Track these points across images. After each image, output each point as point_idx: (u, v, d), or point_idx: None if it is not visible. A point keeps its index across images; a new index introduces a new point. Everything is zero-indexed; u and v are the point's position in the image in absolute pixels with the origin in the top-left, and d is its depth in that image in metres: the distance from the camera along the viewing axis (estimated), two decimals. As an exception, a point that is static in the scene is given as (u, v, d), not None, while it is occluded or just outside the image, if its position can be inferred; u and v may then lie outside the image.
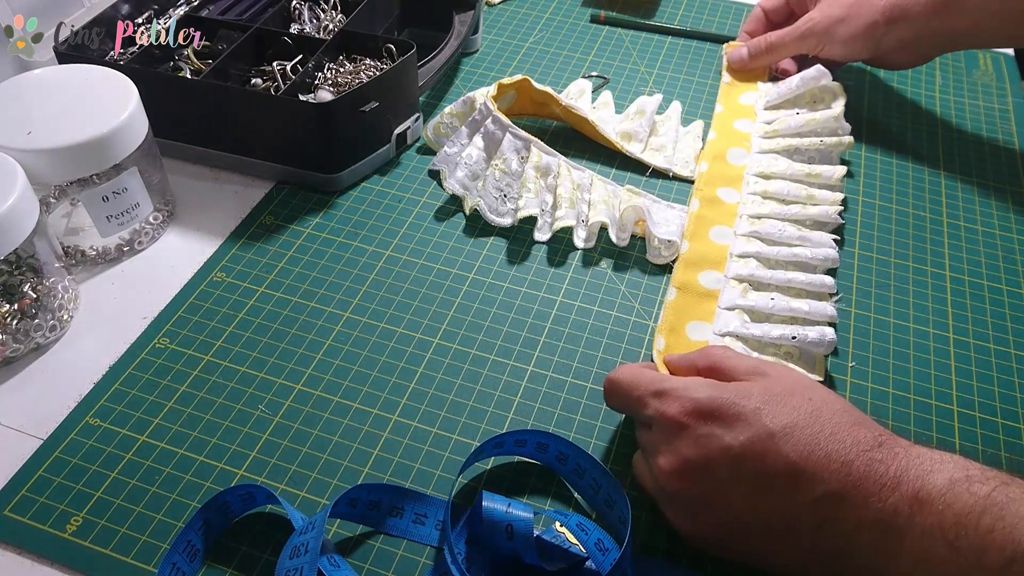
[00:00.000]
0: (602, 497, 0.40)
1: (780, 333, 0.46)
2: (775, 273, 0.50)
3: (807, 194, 0.55)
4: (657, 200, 0.57)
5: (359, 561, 0.38)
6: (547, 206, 0.55)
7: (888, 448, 0.34)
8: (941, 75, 0.72)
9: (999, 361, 0.49)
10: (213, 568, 0.38)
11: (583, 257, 0.54)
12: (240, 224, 0.55)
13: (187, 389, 0.45)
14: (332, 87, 0.59)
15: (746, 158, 0.59)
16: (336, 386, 0.46)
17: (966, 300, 0.52)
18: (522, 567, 0.37)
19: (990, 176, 0.62)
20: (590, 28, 0.75)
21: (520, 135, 0.56)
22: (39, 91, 0.50)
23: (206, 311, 0.49)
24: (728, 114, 0.63)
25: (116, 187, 0.49)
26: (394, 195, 0.58)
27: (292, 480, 0.41)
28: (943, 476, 0.32)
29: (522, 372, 0.47)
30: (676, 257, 0.53)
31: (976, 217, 0.58)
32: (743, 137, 0.61)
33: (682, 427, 0.36)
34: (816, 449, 0.34)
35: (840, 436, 0.34)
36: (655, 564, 0.39)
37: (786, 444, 0.34)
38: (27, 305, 0.46)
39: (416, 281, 0.52)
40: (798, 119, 0.60)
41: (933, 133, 0.65)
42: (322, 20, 0.66)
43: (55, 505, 0.40)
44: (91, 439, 0.43)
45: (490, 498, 0.37)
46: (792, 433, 0.34)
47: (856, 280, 0.53)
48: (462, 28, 0.68)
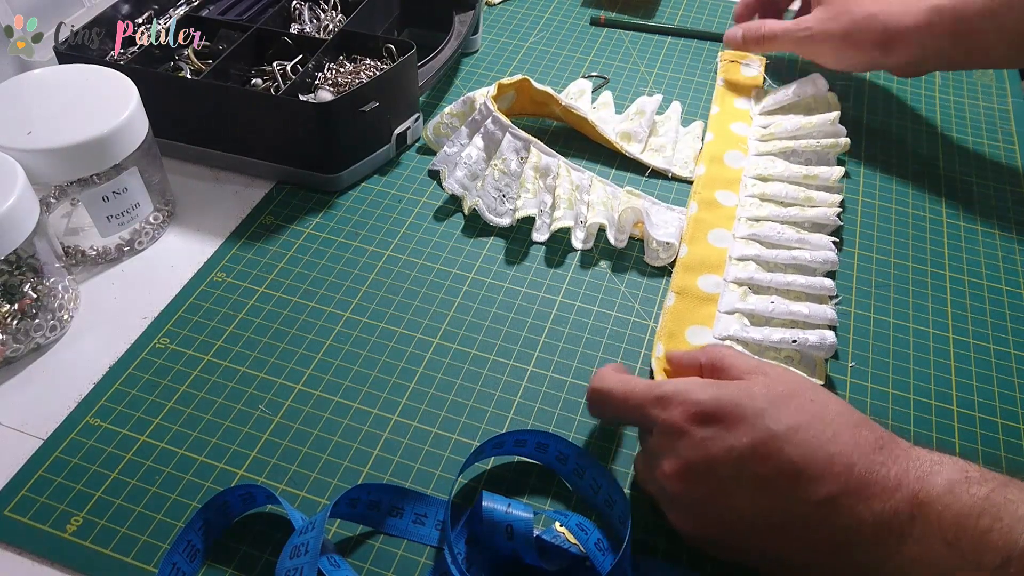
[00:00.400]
0: (602, 497, 0.40)
1: (780, 337, 0.46)
2: (774, 276, 0.50)
3: (805, 196, 0.55)
4: (656, 202, 0.57)
5: (359, 561, 0.38)
6: (546, 207, 0.55)
7: (889, 450, 0.34)
8: (941, 75, 0.72)
9: (999, 361, 0.49)
10: (213, 568, 0.38)
11: (583, 258, 0.54)
12: (240, 224, 0.55)
13: (187, 389, 0.45)
14: (332, 87, 0.59)
15: (743, 160, 0.59)
16: (336, 386, 0.46)
17: (966, 300, 0.52)
18: (522, 567, 0.37)
19: (990, 176, 0.62)
20: (590, 28, 0.75)
21: (520, 135, 0.56)
22: (39, 91, 0.50)
23: (206, 311, 0.50)
24: (724, 116, 0.63)
25: (116, 187, 0.49)
26: (394, 195, 0.58)
27: (292, 480, 0.41)
28: (942, 478, 0.33)
29: (522, 372, 0.47)
30: (674, 260, 0.53)
31: (976, 217, 0.58)
32: (740, 140, 0.61)
33: (684, 431, 0.36)
34: (819, 451, 0.34)
35: (842, 438, 0.34)
36: (655, 564, 0.39)
37: (789, 446, 0.34)
38: (27, 305, 0.46)
39: (416, 281, 0.52)
40: (794, 121, 0.60)
41: (933, 133, 0.65)
42: (322, 20, 0.66)
43: (55, 505, 0.40)
44: (91, 439, 0.43)
45: (490, 498, 0.37)
46: (795, 435, 0.34)
47: (856, 281, 0.53)
48: (462, 28, 0.68)
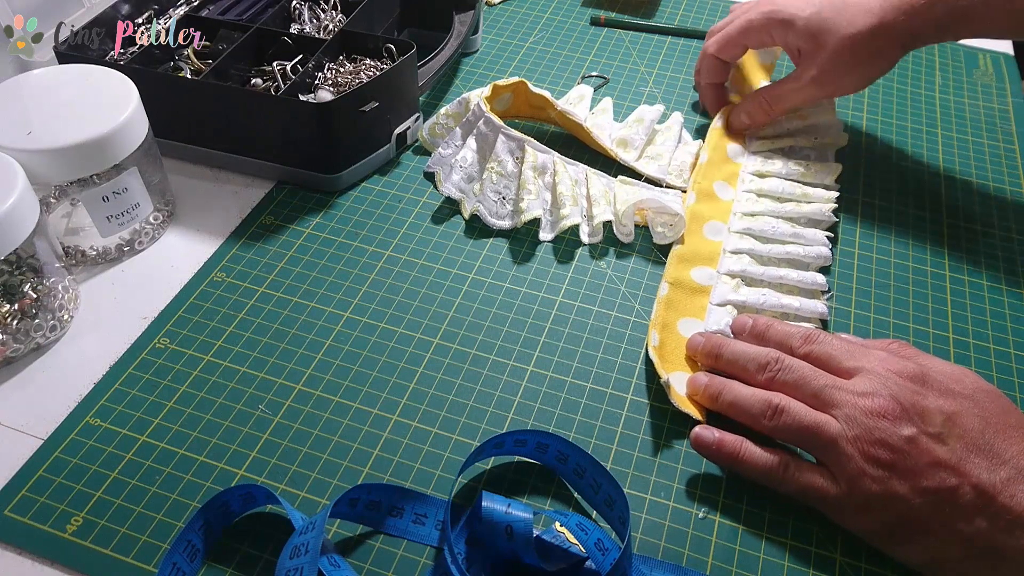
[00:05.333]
0: (602, 497, 0.40)
1: None
2: (767, 270, 0.50)
3: (802, 192, 0.55)
4: (651, 187, 0.56)
5: (359, 561, 0.38)
6: (548, 205, 0.55)
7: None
8: (941, 75, 0.72)
9: (999, 361, 0.49)
10: (213, 568, 0.38)
11: (583, 256, 0.54)
12: (240, 224, 0.55)
13: (187, 389, 0.45)
14: (332, 87, 0.59)
15: (742, 156, 0.59)
16: (336, 386, 0.46)
17: (966, 300, 0.52)
18: (522, 567, 0.37)
19: (990, 176, 0.62)
20: (590, 28, 0.75)
21: (513, 135, 0.56)
22: (39, 91, 0.50)
23: (206, 311, 0.50)
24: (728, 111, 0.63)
25: (116, 187, 0.49)
26: (394, 195, 0.58)
27: (292, 480, 0.41)
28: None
29: (522, 372, 0.47)
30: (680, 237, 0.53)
31: (976, 217, 0.58)
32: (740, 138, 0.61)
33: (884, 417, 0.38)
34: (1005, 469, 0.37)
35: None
36: (655, 564, 0.39)
37: (988, 473, 0.37)
38: (27, 305, 0.46)
39: (416, 281, 0.52)
40: (793, 120, 0.60)
41: (933, 133, 0.65)
42: (322, 20, 0.66)
43: (55, 505, 0.40)
44: (91, 439, 0.43)
45: (490, 498, 0.37)
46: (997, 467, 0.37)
47: (856, 280, 0.53)
48: (462, 28, 0.68)
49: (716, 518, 0.41)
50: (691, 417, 0.44)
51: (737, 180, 0.57)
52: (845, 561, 0.39)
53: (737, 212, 0.55)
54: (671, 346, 0.47)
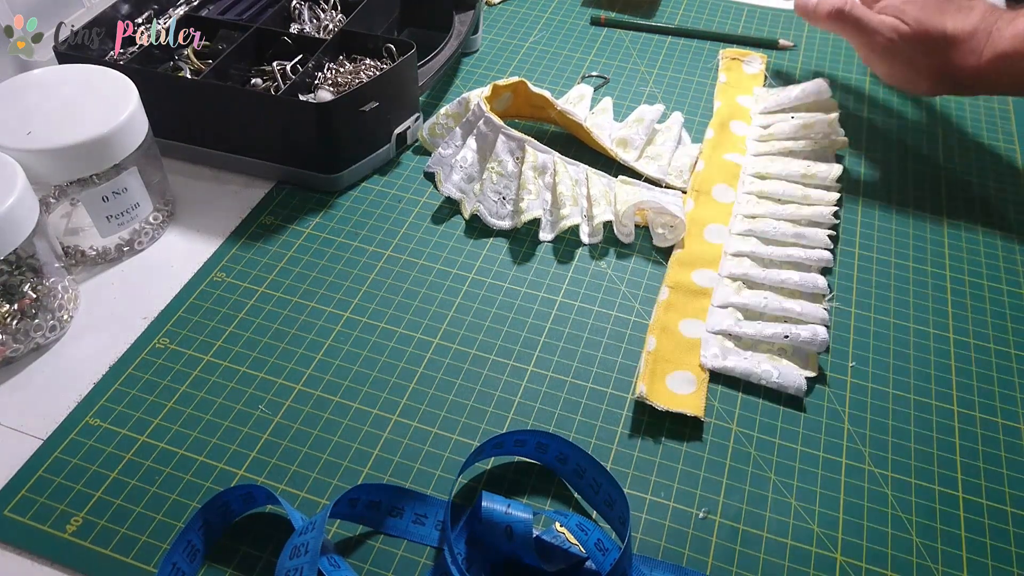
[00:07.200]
0: (602, 497, 0.40)
1: (773, 331, 0.47)
2: (769, 272, 0.50)
3: (803, 194, 0.55)
4: (651, 188, 0.56)
5: (359, 561, 0.38)
6: (548, 205, 0.55)
7: None
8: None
9: (999, 361, 0.49)
10: (213, 568, 0.38)
11: (583, 256, 0.54)
12: (240, 224, 0.55)
13: (187, 389, 0.45)
14: (332, 87, 0.59)
15: (742, 158, 0.59)
16: (336, 386, 0.46)
17: (966, 300, 0.52)
18: (522, 567, 0.37)
19: (990, 176, 0.62)
20: (590, 28, 0.75)
21: (513, 135, 0.56)
22: (39, 91, 0.50)
23: (206, 311, 0.50)
24: (726, 111, 0.63)
25: (116, 187, 0.49)
26: (394, 195, 0.58)
27: (292, 480, 0.41)
28: None
29: (522, 372, 0.47)
30: (679, 240, 0.53)
31: (976, 217, 0.58)
32: (739, 140, 0.61)
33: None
34: None
35: None
36: (655, 564, 0.39)
37: None
38: (27, 305, 0.46)
39: (416, 281, 0.52)
40: (793, 123, 0.60)
41: (933, 133, 0.65)
42: (322, 20, 0.66)
43: (55, 505, 0.40)
44: (91, 439, 0.43)
45: (489, 499, 0.37)
46: None
47: (856, 280, 0.53)
48: (462, 28, 0.68)
49: (716, 518, 0.41)
50: (691, 417, 0.44)
51: (737, 182, 0.57)
52: (845, 561, 0.39)
53: (738, 214, 0.55)
54: (672, 346, 0.47)
